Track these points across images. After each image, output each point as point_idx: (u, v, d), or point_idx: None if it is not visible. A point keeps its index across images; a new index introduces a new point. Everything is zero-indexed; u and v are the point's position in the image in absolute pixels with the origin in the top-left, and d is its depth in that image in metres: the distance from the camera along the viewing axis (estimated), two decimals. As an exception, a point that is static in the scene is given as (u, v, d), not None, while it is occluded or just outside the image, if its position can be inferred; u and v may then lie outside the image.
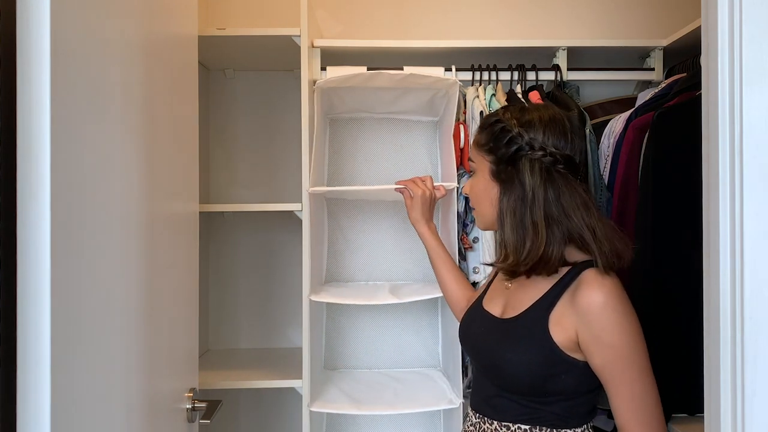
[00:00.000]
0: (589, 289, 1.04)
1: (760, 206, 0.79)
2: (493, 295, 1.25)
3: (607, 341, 1.02)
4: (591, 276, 1.06)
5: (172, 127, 1.21)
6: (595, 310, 1.02)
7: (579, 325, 1.04)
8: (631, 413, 1.03)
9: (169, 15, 1.20)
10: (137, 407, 1.02)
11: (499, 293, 1.24)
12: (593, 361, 1.04)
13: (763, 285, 0.79)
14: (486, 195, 1.18)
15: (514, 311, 1.14)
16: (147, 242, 1.06)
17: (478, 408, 1.19)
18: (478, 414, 1.19)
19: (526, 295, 1.14)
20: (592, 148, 1.68)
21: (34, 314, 0.72)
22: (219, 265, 2.13)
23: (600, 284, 1.04)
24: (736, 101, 0.80)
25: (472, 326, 1.24)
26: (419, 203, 1.55)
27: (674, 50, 1.88)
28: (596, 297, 1.02)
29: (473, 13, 2.13)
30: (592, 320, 1.02)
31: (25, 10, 0.72)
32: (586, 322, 1.03)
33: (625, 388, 1.03)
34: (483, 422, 1.17)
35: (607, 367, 1.03)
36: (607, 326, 1.02)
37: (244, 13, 2.11)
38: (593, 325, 1.02)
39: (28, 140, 0.72)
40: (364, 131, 2.09)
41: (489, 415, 1.15)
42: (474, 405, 1.21)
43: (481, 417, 1.18)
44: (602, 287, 1.03)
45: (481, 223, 1.23)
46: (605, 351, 1.02)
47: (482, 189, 1.19)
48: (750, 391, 0.79)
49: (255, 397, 2.12)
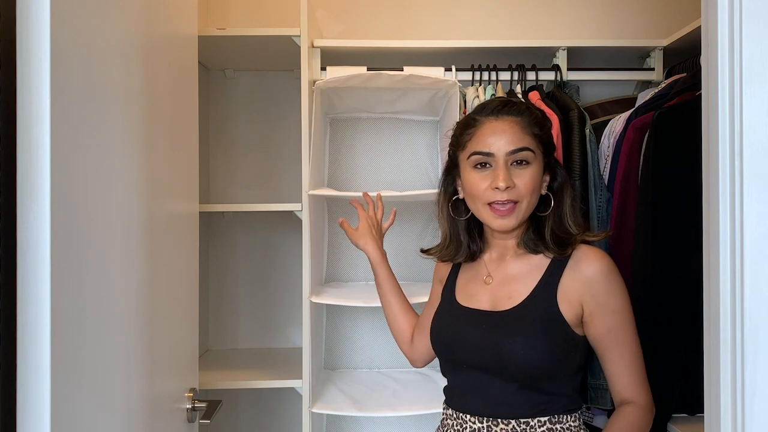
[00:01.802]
0: (593, 260, 1.10)
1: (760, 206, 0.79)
2: (468, 292, 1.21)
3: (612, 307, 1.08)
4: (588, 250, 1.12)
5: (172, 127, 1.21)
6: (601, 278, 1.09)
7: (584, 297, 1.09)
8: (634, 375, 1.10)
9: (169, 15, 1.20)
10: (137, 407, 1.02)
11: (478, 288, 1.19)
12: (597, 330, 1.10)
13: (763, 285, 0.79)
14: (540, 186, 1.15)
15: (512, 301, 1.13)
16: (147, 242, 1.06)
17: (482, 412, 1.12)
18: (483, 419, 1.12)
19: (519, 283, 1.14)
20: (592, 148, 1.68)
21: (34, 314, 0.72)
22: (219, 265, 2.13)
23: (601, 255, 1.11)
24: (736, 101, 0.80)
25: (462, 328, 1.16)
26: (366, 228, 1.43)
27: (674, 50, 1.88)
28: (600, 266, 1.09)
29: (473, 13, 2.13)
30: (599, 289, 1.08)
31: (25, 10, 0.72)
32: (592, 292, 1.09)
33: (627, 351, 1.10)
34: (494, 426, 1.10)
35: (611, 333, 1.09)
36: (613, 292, 1.09)
37: (244, 13, 2.11)
38: (600, 293, 1.08)
39: (28, 140, 0.72)
40: (364, 131, 2.09)
41: (502, 416, 1.10)
42: (474, 411, 1.13)
43: (490, 421, 1.11)
44: (603, 257, 1.11)
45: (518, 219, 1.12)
46: (610, 317, 1.09)
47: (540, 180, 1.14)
48: (750, 391, 0.79)
49: (255, 397, 2.12)
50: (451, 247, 1.24)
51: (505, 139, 1.11)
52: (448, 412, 1.20)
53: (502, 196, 1.10)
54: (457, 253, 1.24)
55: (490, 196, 1.11)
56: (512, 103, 1.16)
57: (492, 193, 1.11)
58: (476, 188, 1.13)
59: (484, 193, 1.12)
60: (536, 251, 1.15)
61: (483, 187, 1.12)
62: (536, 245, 1.15)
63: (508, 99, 1.19)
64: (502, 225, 1.12)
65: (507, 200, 1.10)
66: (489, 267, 1.21)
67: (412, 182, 2.07)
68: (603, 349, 1.11)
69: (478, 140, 1.13)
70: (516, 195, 1.10)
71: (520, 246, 1.18)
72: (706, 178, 0.88)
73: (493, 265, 1.21)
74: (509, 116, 1.13)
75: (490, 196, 1.11)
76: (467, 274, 1.25)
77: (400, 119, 2.08)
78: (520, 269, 1.16)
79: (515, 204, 1.10)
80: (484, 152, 1.12)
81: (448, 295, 1.25)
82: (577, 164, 1.67)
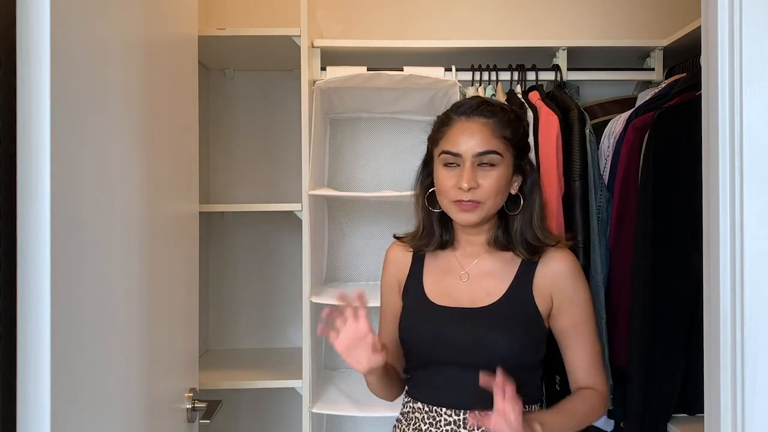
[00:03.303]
0: (562, 258, 1.19)
1: (760, 206, 0.79)
2: (443, 290, 1.21)
3: (577, 302, 1.18)
4: (557, 250, 1.20)
5: (172, 127, 1.21)
6: (569, 275, 1.18)
7: (554, 291, 1.18)
8: (593, 367, 1.18)
9: (169, 15, 1.20)
10: (137, 407, 1.02)
11: (453, 285, 1.21)
12: (562, 322, 1.18)
13: (763, 285, 0.79)
14: (507, 187, 1.17)
15: (491, 297, 1.17)
16: (147, 242, 1.06)
17: (458, 405, 1.14)
18: (459, 411, 1.14)
19: (495, 279, 1.19)
20: (592, 149, 1.68)
21: (34, 314, 0.72)
22: (219, 265, 2.13)
23: (569, 254, 1.21)
24: (736, 101, 0.80)
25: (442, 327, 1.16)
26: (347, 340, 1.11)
27: (674, 50, 1.88)
28: (569, 264, 1.19)
29: (473, 13, 2.13)
30: (567, 284, 1.17)
31: (25, 10, 0.72)
32: (561, 287, 1.17)
33: (588, 343, 1.18)
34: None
35: (575, 325, 1.18)
36: (578, 288, 1.18)
37: (244, 13, 2.11)
38: (567, 288, 1.17)
39: (28, 140, 0.72)
40: (364, 131, 2.09)
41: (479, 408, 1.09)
42: (449, 404, 1.15)
43: (467, 413, 1.13)
44: (571, 256, 1.21)
45: (480, 216, 1.14)
46: (576, 311, 1.17)
47: (507, 182, 1.17)
48: (750, 391, 0.79)
49: (255, 397, 2.12)
50: (425, 236, 1.26)
51: (474, 140, 1.14)
52: (416, 406, 1.20)
53: (465, 196, 1.13)
54: (430, 242, 1.25)
55: (455, 194, 1.14)
56: (487, 104, 1.19)
57: (457, 192, 1.13)
58: (443, 185, 1.16)
59: (450, 190, 1.15)
60: (507, 248, 1.20)
61: (449, 185, 1.15)
62: (506, 242, 1.20)
63: (484, 99, 1.22)
64: (465, 219, 1.15)
65: (470, 200, 1.13)
66: (462, 263, 1.23)
67: (412, 182, 2.07)
68: (566, 340, 1.19)
69: (448, 139, 1.17)
70: (479, 196, 1.13)
71: (490, 243, 1.21)
72: (706, 178, 0.88)
73: (467, 261, 1.23)
74: (481, 118, 1.16)
75: (455, 194, 1.14)
76: (437, 269, 1.24)
77: (400, 119, 2.08)
78: (494, 265, 1.21)
79: (478, 204, 1.14)
80: (452, 152, 1.15)
81: (415, 294, 1.24)
82: (577, 164, 1.67)
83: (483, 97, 1.24)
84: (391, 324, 1.28)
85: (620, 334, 1.58)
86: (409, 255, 1.29)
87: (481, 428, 1.12)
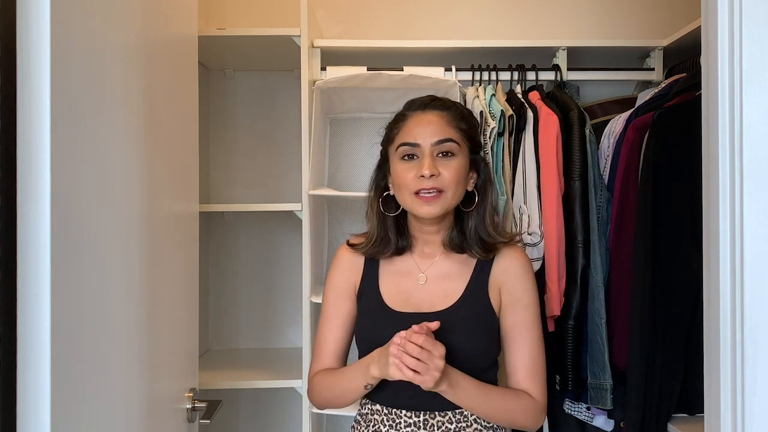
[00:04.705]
0: (514, 256, 1.20)
1: (760, 206, 0.79)
2: (401, 294, 1.19)
3: (525, 302, 1.17)
4: (511, 247, 1.20)
5: (172, 127, 1.21)
6: (519, 274, 1.18)
7: (503, 288, 1.18)
8: (531, 369, 1.16)
9: (169, 15, 1.20)
10: (137, 407, 1.02)
11: (412, 290, 1.19)
12: (507, 321, 1.17)
13: (763, 285, 0.79)
14: (465, 180, 1.18)
15: (449, 299, 1.17)
16: (147, 242, 1.06)
17: (418, 407, 1.13)
18: (419, 413, 1.13)
19: (452, 281, 1.19)
20: (591, 149, 1.68)
21: (34, 314, 0.72)
22: (219, 265, 2.13)
23: (521, 253, 1.22)
24: (736, 101, 0.80)
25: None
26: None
27: (674, 50, 1.88)
28: (520, 263, 1.19)
29: (473, 13, 2.13)
30: (516, 283, 1.18)
31: (25, 10, 0.72)
32: (510, 286, 1.18)
33: (529, 346, 1.16)
34: (430, 419, 1.13)
35: (519, 325, 1.16)
36: (527, 288, 1.18)
37: (244, 13, 2.11)
38: (516, 287, 1.18)
39: (28, 140, 0.72)
40: (365, 131, 2.09)
41: (439, 409, 1.12)
42: (409, 406, 1.14)
43: (427, 414, 1.13)
44: (523, 256, 1.21)
45: (443, 207, 1.13)
46: (521, 311, 1.17)
47: (465, 173, 1.17)
48: (750, 391, 0.79)
49: (255, 397, 2.12)
50: (379, 242, 1.23)
51: (430, 130, 1.15)
52: (375, 408, 1.18)
53: (427, 184, 1.12)
54: (386, 248, 1.23)
55: (416, 184, 1.13)
56: (439, 99, 1.22)
57: (418, 181, 1.13)
58: (403, 178, 1.15)
59: (411, 182, 1.13)
60: (461, 250, 1.19)
61: (410, 177, 1.14)
62: (461, 243, 1.19)
63: (435, 96, 1.24)
64: (428, 212, 1.13)
65: (432, 187, 1.12)
66: (420, 265, 1.22)
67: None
68: (508, 340, 1.18)
69: (405, 132, 1.18)
70: (441, 183, 1.12)
71: (445, 245, 1.20)
72: (706, 178, 0.88)
73: (425, 263, 1.22)
74: (435, 110, 1.18)
75: (417, 184, 1.13)
76: (393, 273, 1.23)
77: (400, 119, 2.08)
78: (451, 267, 1.20)
79: (440, 193, 1.13)
80: (410, 143, 1.15)
81: (372, 301, 1.21)
82: (577, 164, 1.67)
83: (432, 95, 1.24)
84: (340, 329, 1.24)
85: (620, 334, 1.58)
86: (362, 257, 1.26)
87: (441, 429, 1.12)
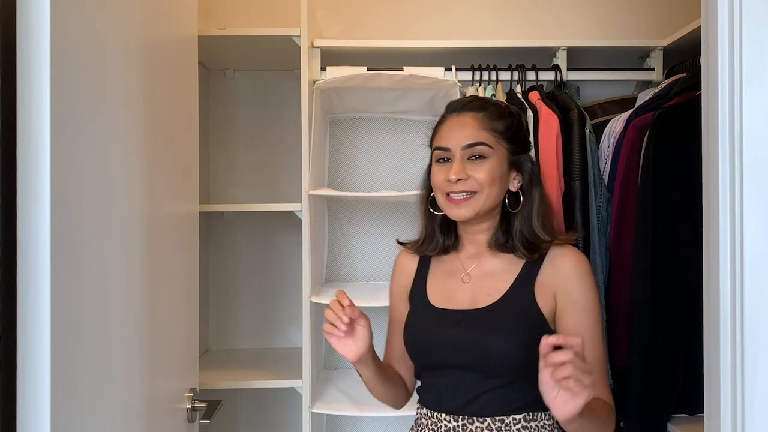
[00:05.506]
0: (570, 257, 1.15)
1: (760, 206, 0.79)
2: (445, 293, 1.20)
3: (583, 304, 1.12)
4: (565, 247, 1.16)
5: (172, 127, 1.21)
6: (576, 275, 1.13)
7: (558, 291, 1.13)
8: (600, 374, 1.10)
9: (169, 15, 1.20)
10: (137, 407, 1.02)
11: (456, 288, 1.20)
12: (565, 324, 1.12)
13: (763, 285, 0.79)
14: (503, 180, 1.17)
15: (491, 297, 1.15)
16: (147, 242, 1.06)
17: (458, 411, 1.12)
18: (458, 417, 1.12)
19: (497, 279, 1.17)
20: (591, 149, 1.68)
21: (34, 314, 0.72)
22: (219, 265, 2.13)
23: (578, 254, 1.16)
24: (736, 101, 0.80)
25: (439, 330, 1.15)
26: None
27: (674, 50, 1.88)
28: (576, 264, 1.14)
29: (473, 13, 2.13)
30: (572, 284, 1.12)
31: (25, 10, 0.72)
32: (565, 288, 1.13)
33: (593, 351, 1.10)
34: (469, 424, 1.11)
35: (578, 329, 1.10)
36: (585, 289, 1.13)
37: (244, 13, 2.11)
38: (573, 289, 1.12)
39: (28, 140, 0.72)
40: (365, 131, 2.09)
41: (477, 414, 1.11)
42: (449, 410, 1.13)
43: (465, 419, 1.12)
44: (580, 256, 1.16)
45: (475, 209, 1.13)
46: (580, 314, 1.12)
47: (501, 174, 1.16)
48: (750, 391, 0.79)
49: (255, 397, 2.12)
50: (427, 241, 1.26)
51: (461, 134, 1.15)
52: (422, 412, 1.19)
53: (455, 188, 1.13)
54: (433, 246, 1.25)
55: (444, 187, 1.15)
56: (477, 99, 1.21)
57: (447, 184, 1.14)
58: (435, 180, 1.17)
59: (441, 184, 1.16)
60: (507, 250, 1.18)
61: (440, 180, 1.15)
62: (506, 243, 1.18)
63: (477, 96, 1.23)
64: (458, 214, 1.15)
65: (462, 190, 1.13)
66: (465, 264, 1.22)
67: (412, 182, 2.07)
68: None
69: (440, 136, 1.19)
70: (472, 186, 1.13)
71: (491, 244, 1.20)
72: (706, 178, 0.88)
73: (470, 262, 1.22)
74: (470, 112, 1.18)
75: (446, 187, 1.15)
76: (441, 272, 1.24)
77: (400, 119, 2.08)
78: (497, 266, 1.19)
79: (473, 194, 1.13)
80: (442, 147, 1.17)
81: (419, 299, 1.24)
82: (577, 164, 1.67)
83: (474, 95, 1.23)
84: (399, 332, 1.26)
85: (620, 334, 1.58)
86: (416, 259, 1.29)
87: None
